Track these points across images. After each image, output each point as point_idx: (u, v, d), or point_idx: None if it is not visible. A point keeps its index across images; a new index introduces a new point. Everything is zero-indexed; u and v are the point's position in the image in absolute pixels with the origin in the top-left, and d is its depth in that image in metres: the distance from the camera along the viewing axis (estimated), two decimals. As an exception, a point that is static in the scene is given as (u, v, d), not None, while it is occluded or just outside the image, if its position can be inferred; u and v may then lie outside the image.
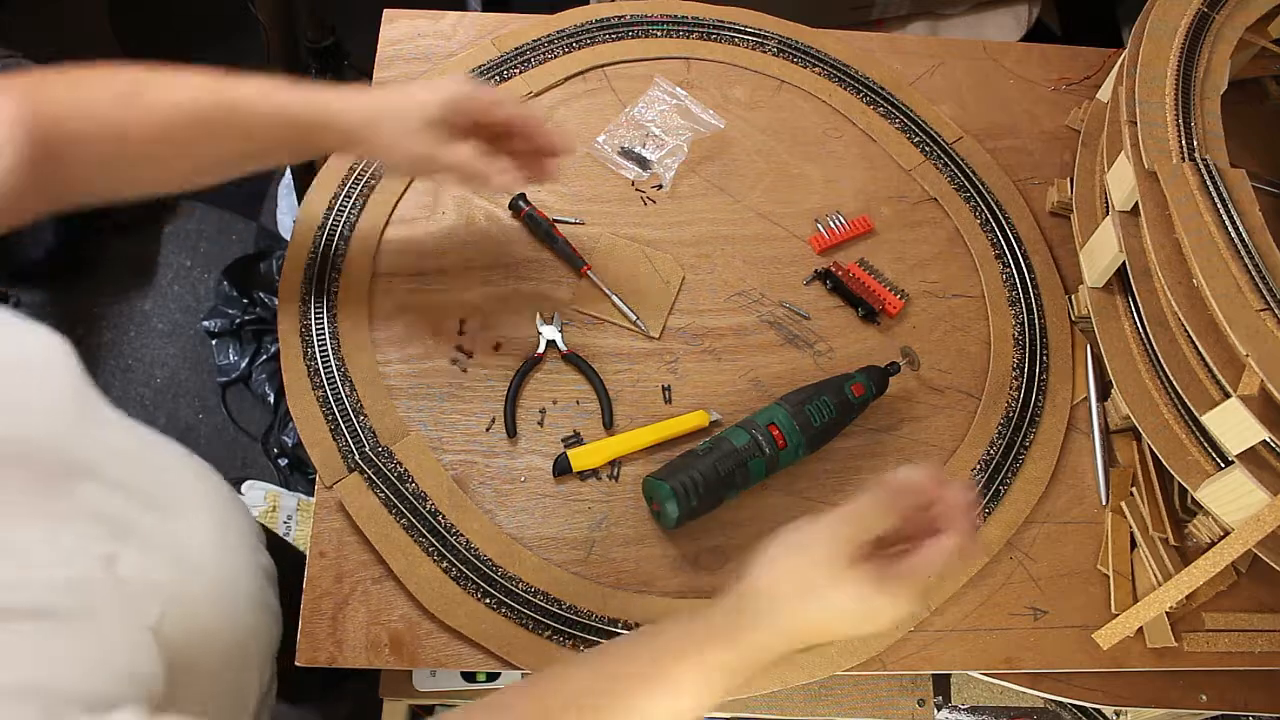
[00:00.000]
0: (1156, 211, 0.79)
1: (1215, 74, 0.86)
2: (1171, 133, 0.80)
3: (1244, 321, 0.70)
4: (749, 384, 0.85)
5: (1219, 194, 0.76)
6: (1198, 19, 0.88)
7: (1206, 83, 0.85)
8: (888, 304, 0.89)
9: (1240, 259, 0.72)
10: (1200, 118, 0.82)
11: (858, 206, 0.95)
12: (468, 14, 1.02)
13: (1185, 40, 0.86)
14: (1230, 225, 0.74)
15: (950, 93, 1.04)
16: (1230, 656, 0.78)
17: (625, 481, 0.79)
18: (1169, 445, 0.79)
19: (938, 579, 0.76)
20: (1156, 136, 0.81)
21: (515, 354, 0.83)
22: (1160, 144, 0.80)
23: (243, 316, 1.72)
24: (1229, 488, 0.74)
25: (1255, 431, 0.70)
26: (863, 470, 0.82)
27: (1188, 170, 0.77)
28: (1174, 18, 0.88)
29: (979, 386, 0.87)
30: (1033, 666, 0.77)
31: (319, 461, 0.76)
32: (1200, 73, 0.85)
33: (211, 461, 0.70)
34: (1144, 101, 0.82)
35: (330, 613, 0.72)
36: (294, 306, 0.83)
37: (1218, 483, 0.75)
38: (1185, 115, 0.82)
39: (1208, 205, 0.75)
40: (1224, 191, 0.76)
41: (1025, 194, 0.98)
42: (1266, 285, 0.71)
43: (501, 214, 0.90)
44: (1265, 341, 0.69)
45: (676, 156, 0.94)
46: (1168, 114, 0.82)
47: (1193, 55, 0.86)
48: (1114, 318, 0.86)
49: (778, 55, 1.02)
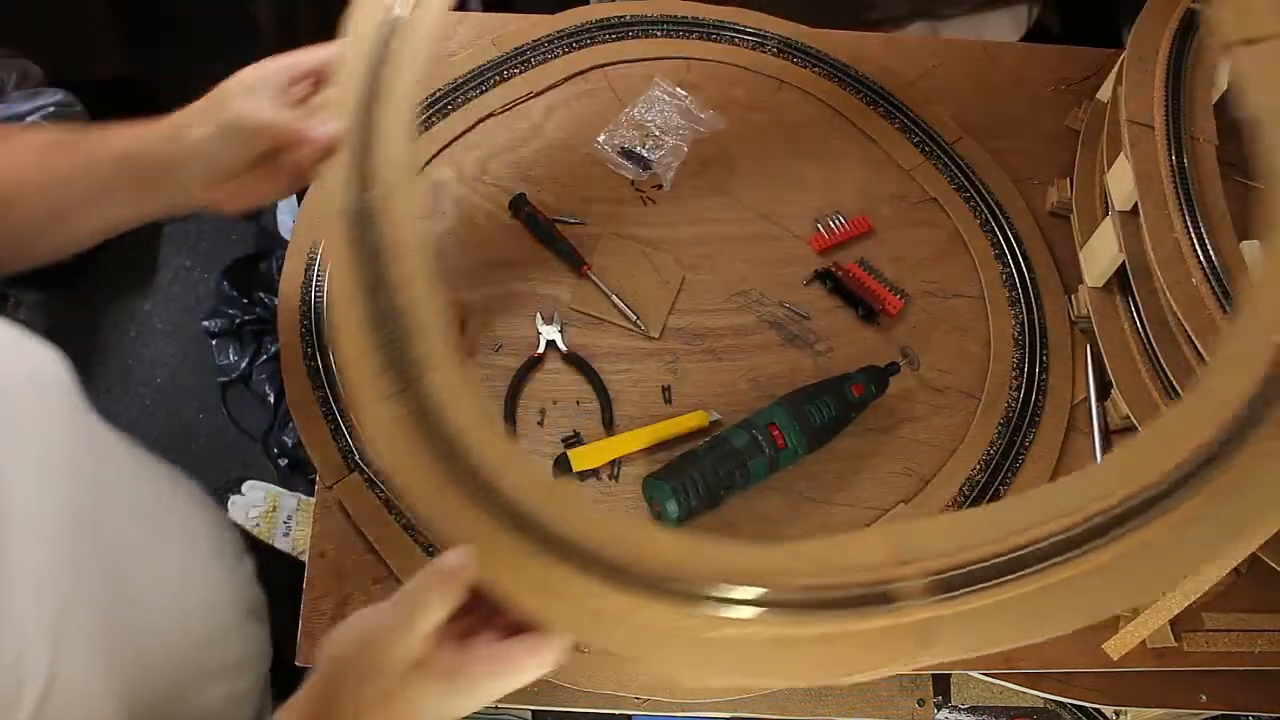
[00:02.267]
0: (1156, 211, 0.79)
1: (1206, 71, 0.86)
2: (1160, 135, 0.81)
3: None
4: (749, 384, 0.85)
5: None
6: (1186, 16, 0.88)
7: (1198, 77, 0.85)
8: (888, 304, 0.89)
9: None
10: (1190, 115, 0.83)
11: (858, 206, 0.95)
12: (468, 14, 1.02)
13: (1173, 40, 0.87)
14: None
15: (950, 93, 1.04)
16: (1230, 656, 0.78)
17: (625, 481, 0.79)
18: (1169, 445, 0.79)
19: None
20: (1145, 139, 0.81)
21: (515, 354, 0.83)
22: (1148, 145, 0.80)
23: (243, 316, 1.72)
24: (1229, 488, 0.74)
25: (1255, 431, 0.70)
26: (863, 470, 0.82)
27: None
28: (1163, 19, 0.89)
29: (979, 386, 0.87)
30: (1033, 666, 0.77)
31: (319, 461, 0.77)
32: (1190, 70, 0.86)
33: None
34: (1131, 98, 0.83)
35: (330, 613, 0.72)
36: (294, 306, 0.83)
37: (1218, 483, 0.75)
38: (1175, 115, 0.82)
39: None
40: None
41: (1025, 194, 0.98)
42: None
43: (501, 214, 0.90)
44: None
45: (676, 156, 0.94)
46: (1155, 112, 0.82)
47: (1182, 52, 0.87)
48: (1114, 318, 0.86)
49: (778, 55, 1.02)
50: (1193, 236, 0.77)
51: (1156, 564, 0.51)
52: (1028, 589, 0.50)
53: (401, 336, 0.57)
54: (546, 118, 0.96)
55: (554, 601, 0.51)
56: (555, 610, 0.50)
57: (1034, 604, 0.50)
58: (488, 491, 0.53)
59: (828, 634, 0.50)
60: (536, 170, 0.93)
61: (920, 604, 0.49)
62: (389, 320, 0.57)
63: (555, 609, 0.50)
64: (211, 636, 0.63)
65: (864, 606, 0.49)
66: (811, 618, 0.49)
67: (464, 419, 0.55)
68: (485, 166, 0.92)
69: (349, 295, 0.58)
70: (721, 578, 0.51)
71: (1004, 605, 0.50)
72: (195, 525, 0.66)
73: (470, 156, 0.93)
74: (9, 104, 1.52)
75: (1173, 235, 0.77)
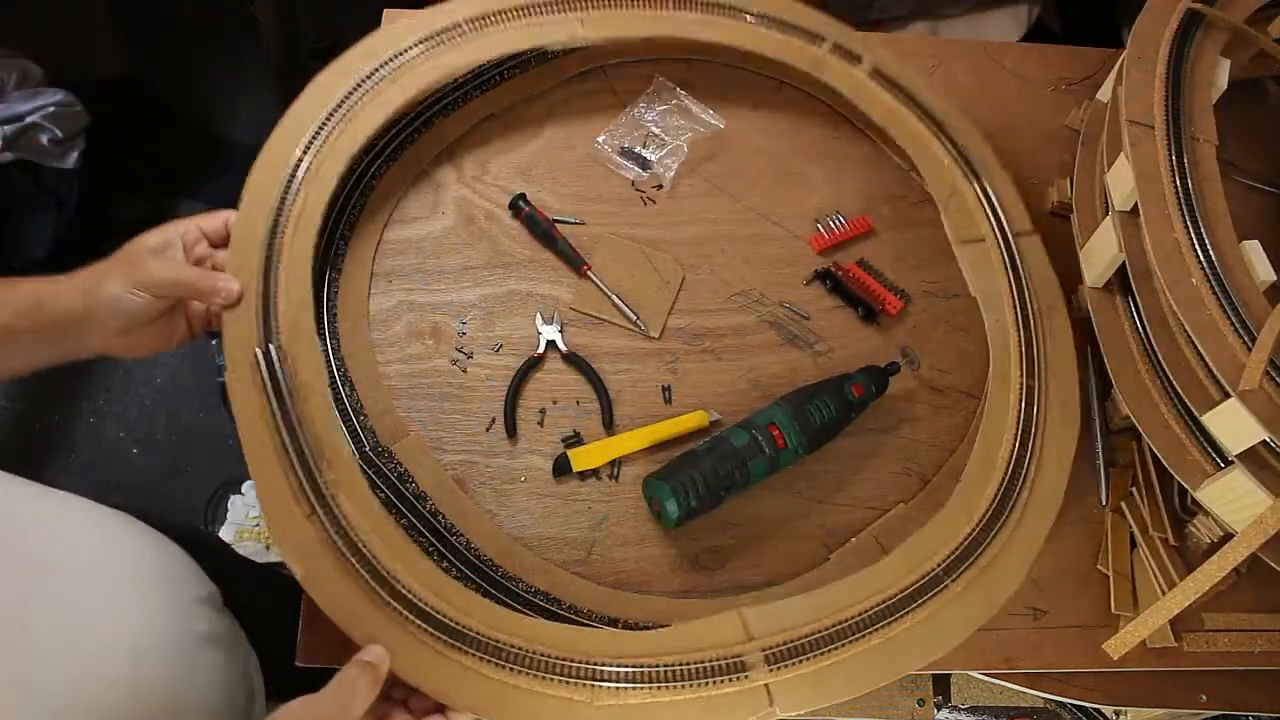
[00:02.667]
0: (1156, 211, 0.79)
1: (1206, 71, 0.86)
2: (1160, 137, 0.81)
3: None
4: (749, 384, 0.85)
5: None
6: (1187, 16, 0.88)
7: (1198, 78, 0.86)
8: (888, 304, 0.89)
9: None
10: (1190, 115, 0.83)
11: (858, 206, 0.95)
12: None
13: (1174, 39, 0.87)
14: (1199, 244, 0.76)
15: (950, 93, 1.04)
16: (1230, 656, 0.78)
17: (625, 481, 0.79)
18: (1169, 445, 0.79)
19: None
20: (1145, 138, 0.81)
21: (515, 354, 0.83)
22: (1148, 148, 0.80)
23: (243, 316, 1.72)
24: (1229, 488, 0.74)
25: (1255, 432, 0.70)
26: (863, 470, 0.82)
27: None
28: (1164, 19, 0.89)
29: (979, 386, 0.87)
30: (1032, 666, 0.77)
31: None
32: (1190, 70, 0.86)
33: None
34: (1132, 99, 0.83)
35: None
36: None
37: (1218, 483, 0.75)
38: (1175, 115, 0.82)
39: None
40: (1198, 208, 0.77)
41: (1025, 194, 0.98)
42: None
43: (501, 214, 0.90)
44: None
45: (676, 156, 0.94)
46: (1155, 112, 0.82)
47: (1182, 52, 0.87)
48: (1114, 318, 0.86)
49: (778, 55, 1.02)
50: (1193, 236, 0.77)
51: (936, 631, 0.70)
52: (844, 655, 0.68)
53: (313, 465, 0.68)
54: (546, 118, 0.96)
55: (458, 683, 0.63)
56: (459, 691, 0.62)
57: (849, 668, 0.67)
58: (395, 594, 0.65)
59: (694, 698, 0.65)
60: (536, 170, 0.93)
61: (764, 671, 0.66)
62: (300, 451, 0.68)
63: (459, 690, 0.62)
64: (144, 676, 0.61)
65: (721, 676, 0.65)
66: (680, 686, 0.64)
67: (370, 534, 0.67)
68: (485, 166, 0.92)
69: (263, 429, 0.69)
70: (603, 658, 0.65)
71: (825, 670, 0.67)
72: (116, 566, 0.65)
73: (470, 156, 0.93)
74: (9, 104, 1.52)
75: (1173, 235, 0.77)
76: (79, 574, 0.60)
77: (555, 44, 0.90)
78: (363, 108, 0.82)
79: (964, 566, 0.73)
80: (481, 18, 0.87)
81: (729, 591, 0.77)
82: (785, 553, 0.79)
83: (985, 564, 0.73)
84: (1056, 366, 0.84)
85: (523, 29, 0.89)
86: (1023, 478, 0.78)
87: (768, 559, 0.78)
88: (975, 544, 0.74)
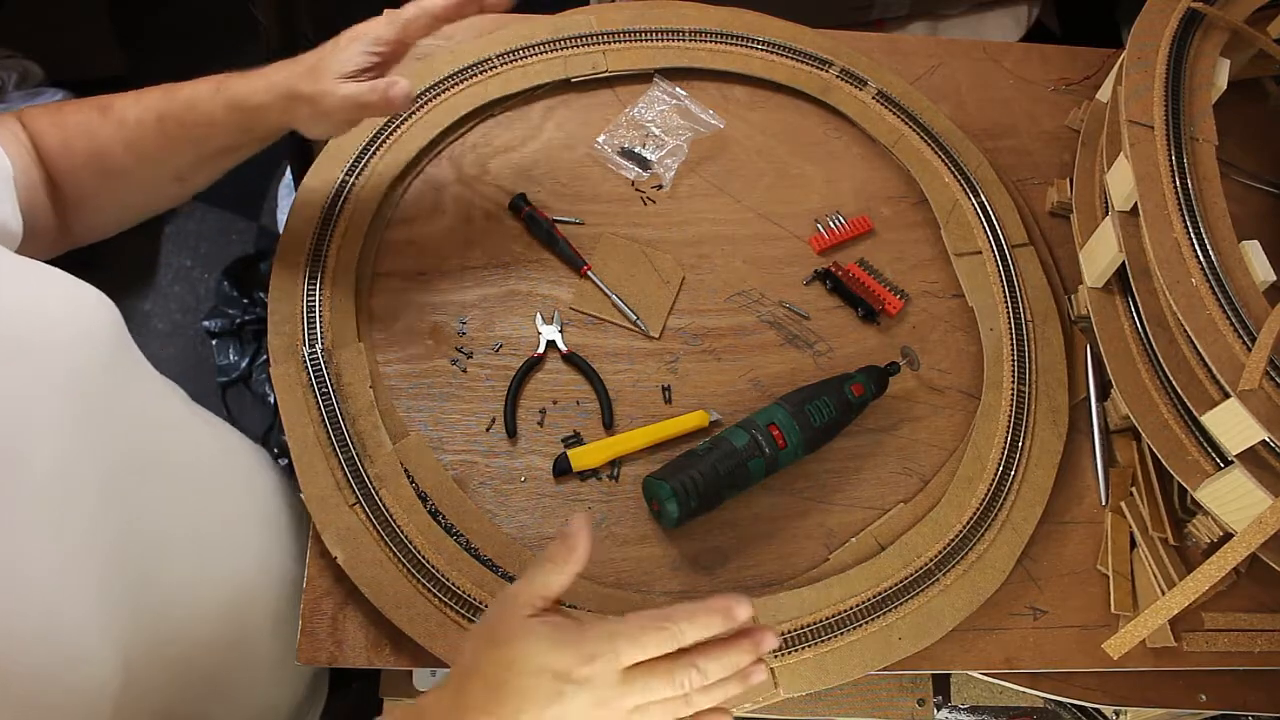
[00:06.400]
0: (1156, 211, 0.79)
1: (1206, 71, 0.86)
2: (1160, 138, 0.81)
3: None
4: (749, 384, 0.85)
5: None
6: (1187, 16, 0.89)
7: (1198, 78, 0.86)
8: (888, 304, 0.89)
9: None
10: (1190, 115, 0.83)
11: (858, 206, 0.95)
12: (468, 14, 1.02)
13: (1174, 39, 0.87)
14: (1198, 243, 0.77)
15: (950, 93, 1.04)
16: (1230, 656, 0.78)
17: (625, 481, 0.79)
18: (1169, 445, 0.79)
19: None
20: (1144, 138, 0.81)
21: (515, 354, 0.83)
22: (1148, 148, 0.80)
23: (243, 316, 1.72)
24: (1229, 488, 0.74)
25: (1255, 431, 0.70)
26: (863, 470, 0.82)
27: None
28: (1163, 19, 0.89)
29: (978, 387, 0.87)
30: (1032, 666, 0.77)
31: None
32: (1190, 70, 0.86)
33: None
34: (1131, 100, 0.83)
35: (330, 613, 0.72)
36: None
37: (1217, 483, 0.75)
38: (1174, 115, 0.82)
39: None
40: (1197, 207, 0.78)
41: (1025, 194, 0.98)
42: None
43: (501, 214, 0.90)
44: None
45: (676, 156, 0.94)
46: (1155, 112, 0.82)
47: (1182, 52, 0.87)
48: (1114, 318, 0.86)
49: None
50: (1192, 236, 0.77)
51: (928, 619, 0.75)
52: (843, 642, 0.73)
53: (357, 459, 0.75)
54: (546, 118, 0.96)
55: None
56: None
57: (848, 653, 0.73)
58: (435, 581, 0.71)
59: None
60: (536, 170, 0.93)
61: (769, 657, 0.70)
62: (346, 446, 0.75)
63: None
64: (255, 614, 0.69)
65: None
66: None
67: (412, 526, 0.73)
68: (485, 166, 0.92)
69: (312, 426, 0.76)
70: None
71: (825, 655, 0.72)
72: (247, 490, 0.73)
73: (470, 156, 0.93)
74: (9, 104, 1.52)
75: (1172, 235, 0.77)
76: (208, 485, 0.67)
77: (580, 76, 0.96)
78: (398, 138, 0.90)
79: (954, 562, 0.77)
80: (510, 52, 0.96)
81: (728, 592, 0.76)
82: (785, 553, 0.79)
83: (974, 559, 0.78)
84: (1047, 373, 0.87)
85: (547, 62, 0.97)
86: (1011, 479, 0.81)
87: (768, 559, 0.78)
88: (965, 541, 0.78)
